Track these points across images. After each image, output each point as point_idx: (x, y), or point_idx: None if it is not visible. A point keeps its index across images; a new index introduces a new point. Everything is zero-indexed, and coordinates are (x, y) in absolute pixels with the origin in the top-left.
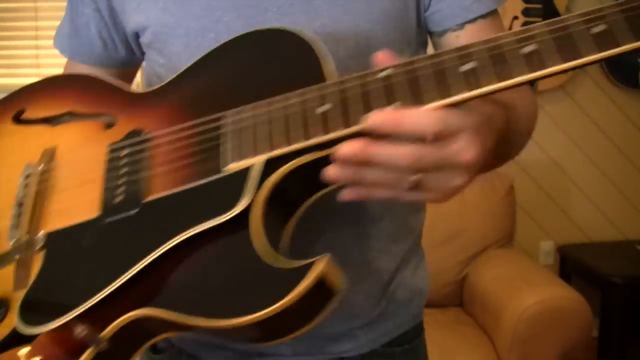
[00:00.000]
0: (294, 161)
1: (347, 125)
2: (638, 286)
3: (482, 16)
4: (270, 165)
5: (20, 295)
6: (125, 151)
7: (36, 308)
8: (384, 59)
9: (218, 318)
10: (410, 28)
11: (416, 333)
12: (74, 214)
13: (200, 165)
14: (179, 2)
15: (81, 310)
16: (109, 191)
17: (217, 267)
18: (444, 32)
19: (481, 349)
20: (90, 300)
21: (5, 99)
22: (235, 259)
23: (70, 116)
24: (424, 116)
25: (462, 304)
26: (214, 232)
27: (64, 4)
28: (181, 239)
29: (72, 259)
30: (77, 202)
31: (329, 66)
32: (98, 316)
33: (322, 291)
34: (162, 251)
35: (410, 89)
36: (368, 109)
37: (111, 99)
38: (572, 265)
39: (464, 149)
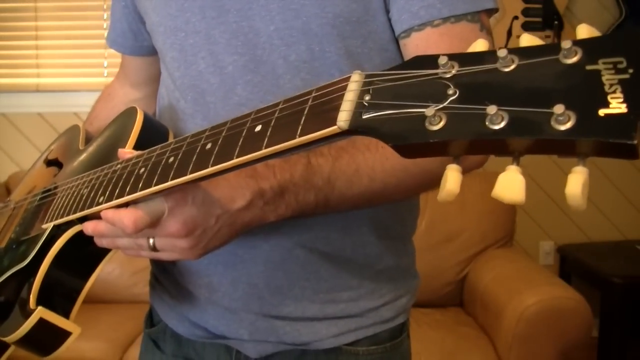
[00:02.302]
0: (72, 229)
1: (111, 199)
2: (638, 286)
3: (431, 23)
4: (58, 231)
5: None
6: (35, 198)
7: None
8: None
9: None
10: (376, 32)
11: (390, 337)
12: None
13: (29, 227)
14: (163, 3)
15: None
16: None
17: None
18: (397, 38)
19: (481, 349)
20: None
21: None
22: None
23: (55, 161)
24: (121, 219)
25: (462, 304)
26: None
27: (64, 3)
28: None
29: None
30: None
31: (133, 139)
32: None
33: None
34: None
35: (112, 186)
36: (85, 202)
37: (70, 150)
38: (572, 265)
39: (166, 223)
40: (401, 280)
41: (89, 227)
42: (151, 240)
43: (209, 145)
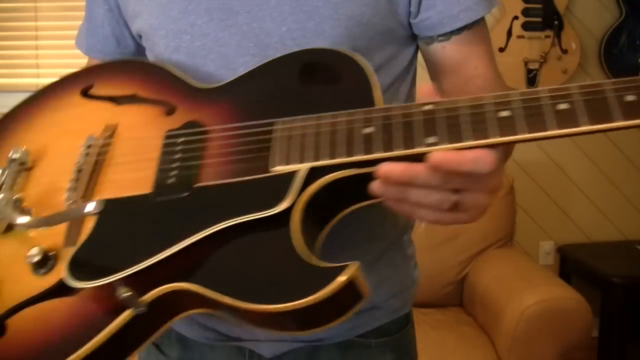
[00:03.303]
0: (334, 174)
1: (388, 149)
2: (638, 286)
3: (468, 27)
4: (314, 174)
5: (69, 250)
6: (181, 139)
7: (85, 265)
8: (426, 92)
9: (251, 302)
10: (380, 33)
11: (398, 327)
12: (127, 187)
13: (249, 163)
14: (162, 6)
15: (128, 273)
16: (162, 172)
17: (256, 256)
18: (431, 41)
19: (481, 349)
20: (137, 266)
21: (79, 72)
22: (274, 252)
23: (134, 99)
24: (480, 158)
25: (462, 304)
26: (255, 224)
27: (64, 3)
28: (225, 225)
29: (121, 227)
30: (131, 177)
31: (378, 93)
32: (141, 282)
33: (349, 293)
34: (207, 233)
35: (448, 127)
36: (408, 137)
37: (174, 88)
38: (572, 265)
39: (493, 176)
40: (409, 270)
41: (388, 170)
42: (453, 197)
43: (564, 105)
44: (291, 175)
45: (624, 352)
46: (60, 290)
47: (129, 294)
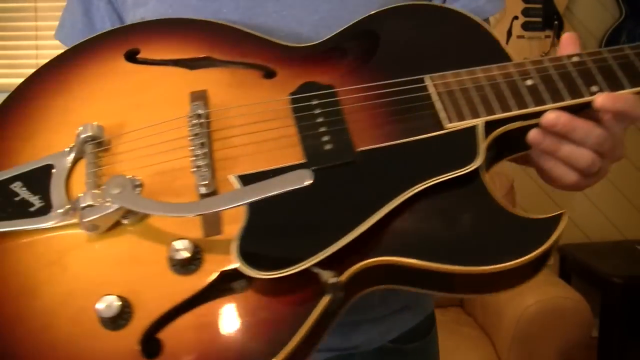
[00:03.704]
0: (505, 127)
1: (557, 99)
2: (638, 286)
3: (486, 20)
4: (487, 128)
5: (218, 240)
6: (315, 102)
7: (259, 252)
8: (569, 42)
9: (467, 265)
10: None
11: (428, 326)
12: (269, 158)
13: (413, 122)
14: None
15: (323, 256)
16: (309, 139)
17: (457, 216)
18: None
19: (481, 349)
20: (336, 244)
21: (101, 39)
22: (477, 209)
23: (210, 62)
24: None
25: (462, 304)
26: (447, 183)
27: (64, 4)
28: (421, 187)
29: (287, 203)
30: (268, 147)
31: (507, 48)
32: (335, 263)
33: (552, 248)
34: (403, 198)
35: (604, 76)
36: (571, 87)
37: (257, 48)
38: (572, 265)
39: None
40: None
41: (555, 117)
42: (598, 162)
43: None
44: (470, 130)
45: (624, 352)
46: (222, 286)
47: (332, 278)
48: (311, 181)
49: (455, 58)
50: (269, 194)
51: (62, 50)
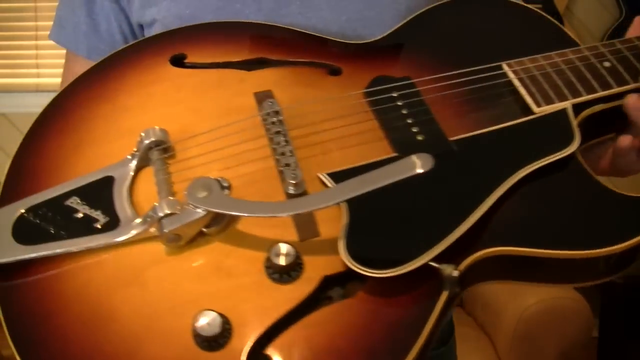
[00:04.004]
0: (590, 109)
1: (637, 79)
2: (638, 286)
3: None
4: (575, 110)
5: (314, 243)
6: (395, 93)
7: (368, 250)
8: (638, 25)
9: (582, 249)
10: None
11: (449, 333)
12: (356, 154)
13: (499, 108)
14: None
15: (442, 248)
16: (397, 131)
17: (563, 199)
18: None
19: (481, 349)
20: (449, 238)
21: (137, 45)
22: (582, 190)
23: (265, 62)
24: None
25: (462, 304)
26: (547, 167)
27: None
28: (523, 174)
29: (386, 198)
30: (352, 143)
31: (571, 33)
32: (447, 257)
33: None
34: (507, 186)
35: None
36: None
37: (315, 47)
38: None
39: None
40: None
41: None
42: None
43: None
44: (560, 114)
45: (624, 352)
46: (328, 291)
47: (453, 271)
48: (431, 166)
49: (523, 44)
50: (384, 184)
51: (61, 51)
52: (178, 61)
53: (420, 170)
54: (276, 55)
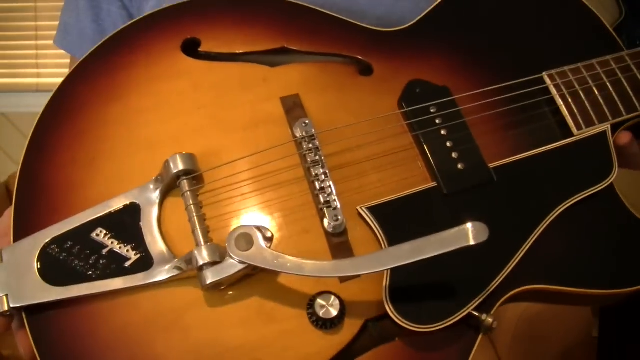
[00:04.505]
0: (625, 125)
1: None
2: None
3: None
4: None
5: (354, 285)
6: (433, 111)
7: (411, 299)
8: None
9: (614, 288)
10: None
11: None
12: (394, 183)
13: (538, 130)
14: None
15: (482, 298)
16: (436, 156)
17: (599, 234)
18: None
19: (481, 349)
20: (489, 288)
21: (142, 22)
22: (618, 226)
23: (288, 54)
24: None
25: None
26: (587, 198)
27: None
28: (562, 209)
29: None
30: (389, 169)
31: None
32: (488, 297)
33: None
34: (546, 224)
35: None
36: None
37: (342, 35)
38: None
39: None
40: None
41: None
42: None
43: None
44: (600, 137)
45: (623, 352)
46: (369, 336)
47: (489, 318)
48: (486, 239)
49: (563, 39)
50: (435, 254)
51: (61, 51)
52: (191, 48)
53: (473, 243)
54: (300, 44)
